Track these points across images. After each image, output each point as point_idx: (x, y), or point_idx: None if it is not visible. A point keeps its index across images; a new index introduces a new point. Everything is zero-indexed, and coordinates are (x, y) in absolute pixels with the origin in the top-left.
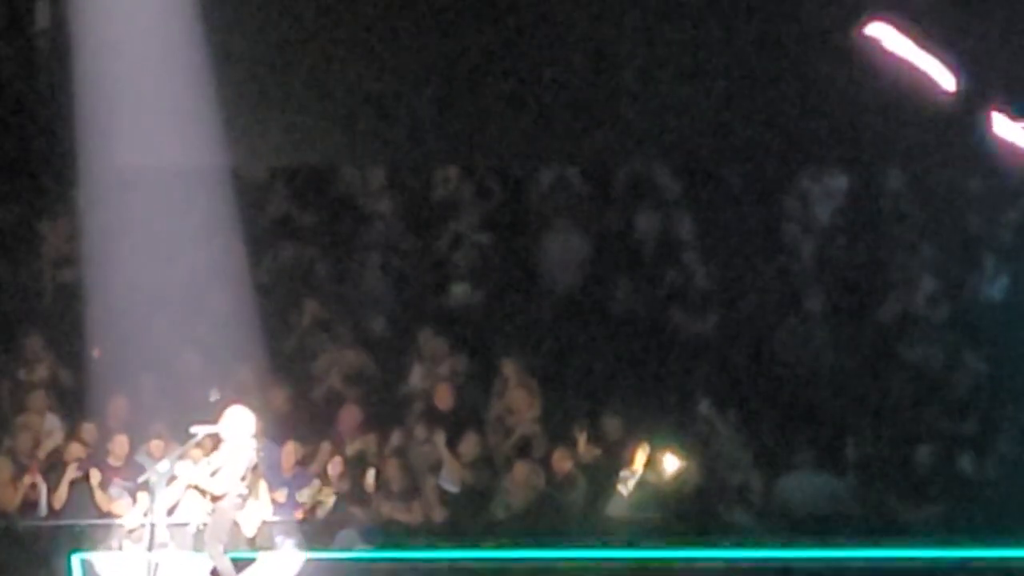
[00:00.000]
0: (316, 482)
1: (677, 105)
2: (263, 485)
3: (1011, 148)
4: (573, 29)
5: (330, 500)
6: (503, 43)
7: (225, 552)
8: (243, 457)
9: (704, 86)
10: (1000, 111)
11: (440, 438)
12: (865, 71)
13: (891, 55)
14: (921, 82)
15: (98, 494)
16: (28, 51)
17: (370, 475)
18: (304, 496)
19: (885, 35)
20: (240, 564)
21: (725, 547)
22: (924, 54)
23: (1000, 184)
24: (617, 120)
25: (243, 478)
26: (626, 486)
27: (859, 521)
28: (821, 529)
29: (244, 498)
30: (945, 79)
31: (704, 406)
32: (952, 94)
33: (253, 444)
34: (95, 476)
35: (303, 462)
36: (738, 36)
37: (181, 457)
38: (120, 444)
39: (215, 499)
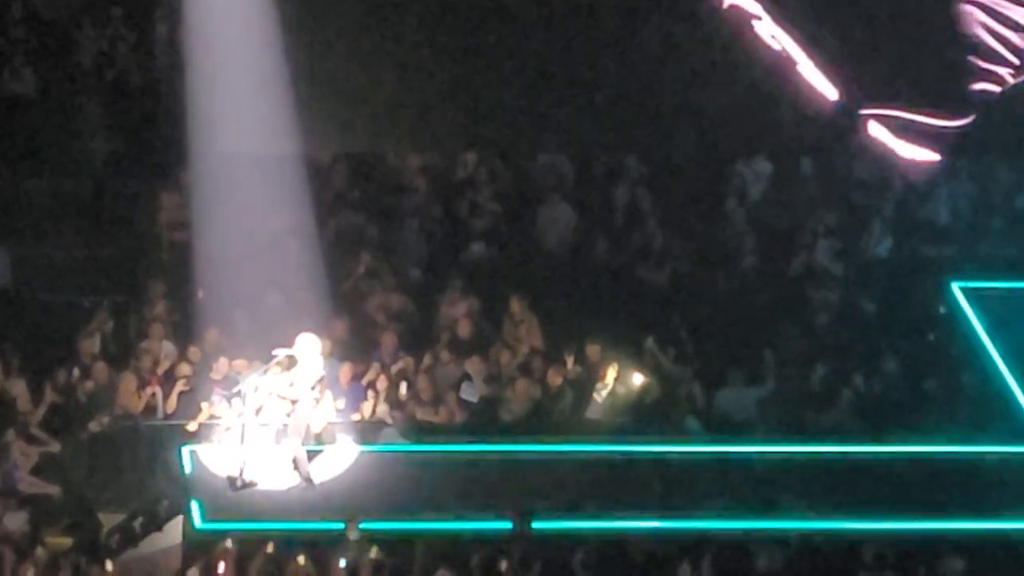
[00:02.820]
0: (367, 394)
1: (643, 109)
2: (327, 394)
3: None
4: (566, 54)
5: (377, 407)
6: (513, 62)
7: (304, 444)
8: (312, 373)
9: (663, 97)
10: (876, 117)
11: (468, 362)
12: (783, 89)
13: (798, 75)
14: (821, 93)
15: (202, 401)
16: (152, 64)
17: (407, 387)
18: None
19: (797, 58)
20: (310, 454)
21: (677, 442)
22: (823, 70)
23: (884, 170)
24: (597, 119)
25: (312, 388)
26: (601, 396)
27: (778, 423)
28: (749, 429)
29: (313, 403)
30: (831, 90)
31: (649, 341)
32: (840, 102)
33: (320, 363)
34: (200, 387)
35: (357, 377)
36: (689, 61)
37: (265, 372)
38: (219, 363)
39: (292, 404)
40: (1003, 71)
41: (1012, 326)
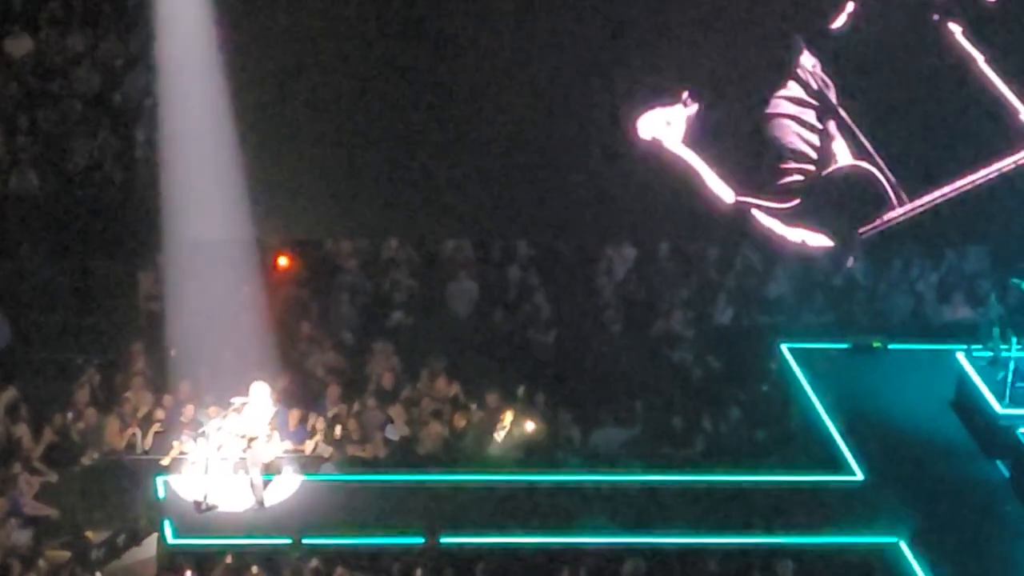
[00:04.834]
0: (309, 433)
1: (531, 203)
2: (276, 434)
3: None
4: (471, 158)
5: (317, 444)
6: (426, 167)
7: (258, 474)
8: (264, 417)
9: (547, 195)
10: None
11: (391, 408)
12: (650, 182)
13: (672, 169)
14: (690, 187)
15: (174, 440)
16: (132, 166)
17: (340, 429)
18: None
19: (669, 155)
20: (263, 482)
21: (560, 474)
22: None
23: (727, 250)
24: (494, 211)
25: (264, 428)
26: (499, 436)
27: (643, 458)
28: (619, 463)
29: (265, 441)
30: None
31: (520, 390)
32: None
33: (270, 407)
34: (172, 429)
35: (301, 420)
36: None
37: (225, 417)
38: (188, 409)
39: (247, 441)
40: (812, 168)
41: (828, 379)
